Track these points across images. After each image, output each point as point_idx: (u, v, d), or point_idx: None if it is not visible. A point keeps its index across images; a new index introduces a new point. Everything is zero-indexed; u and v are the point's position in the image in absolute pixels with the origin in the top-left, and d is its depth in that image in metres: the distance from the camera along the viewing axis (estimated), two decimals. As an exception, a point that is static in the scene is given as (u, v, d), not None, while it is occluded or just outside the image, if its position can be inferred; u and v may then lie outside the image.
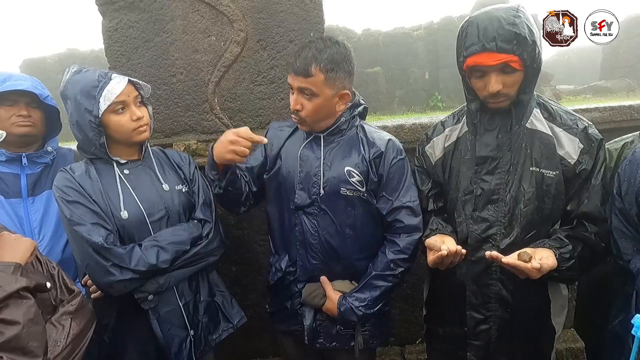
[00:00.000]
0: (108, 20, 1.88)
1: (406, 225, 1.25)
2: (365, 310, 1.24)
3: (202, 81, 1.89)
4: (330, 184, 1.26)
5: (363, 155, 1.26)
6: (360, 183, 1.25)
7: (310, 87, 1.19)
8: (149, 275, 1.16)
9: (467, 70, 1.11)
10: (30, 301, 0.87)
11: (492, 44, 1.01)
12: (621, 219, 1.00)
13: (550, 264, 1.02)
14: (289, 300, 1.35)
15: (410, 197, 1.28)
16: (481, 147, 1.18)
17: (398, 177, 1.27)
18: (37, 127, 1.39)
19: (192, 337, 1.27)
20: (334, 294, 1.27)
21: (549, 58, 16.53)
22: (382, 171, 1.26)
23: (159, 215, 1.24)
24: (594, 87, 10.64)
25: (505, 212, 1.15)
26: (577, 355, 2.02)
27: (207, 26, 1.86)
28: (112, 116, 1.19)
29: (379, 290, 1.25)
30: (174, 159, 1.37)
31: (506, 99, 1.11)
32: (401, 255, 1.24)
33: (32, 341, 0.84)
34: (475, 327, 1.20)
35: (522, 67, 1.05)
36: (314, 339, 1.32)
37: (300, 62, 1.18)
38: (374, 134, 1.30)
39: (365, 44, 10.88)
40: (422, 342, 2.07)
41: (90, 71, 1.20)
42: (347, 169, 1.25)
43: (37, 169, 1.41)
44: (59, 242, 1.38)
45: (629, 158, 1.01)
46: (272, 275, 1.39)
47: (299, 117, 1.24)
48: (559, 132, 1.14)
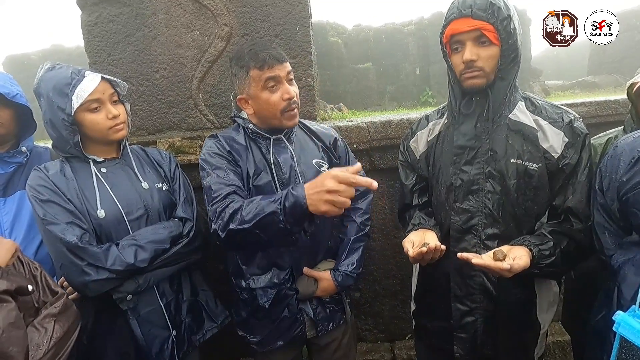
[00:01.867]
0: (87, 14, 1.83)
1: (362, 191, 1.44)
2: (357, 271, 1.37)
3: (185, 77, 1.86)
4: (307, 178, 1.29)
5: (321, 146, 1.40)
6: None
7: (291, 69, 1.27)
8: (126, 275, 1.14)
9: (447, 44, 1.14)
10: (11, 304, 0.84)
11: (468, 10, 1.07)
12: (603, 215, 1.00)
13: (522, 264, 1.00)
14: (285, 309, 1.31)
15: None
16: (459, 136, 1.18)
17: (346, 155, 1.47)
18: (5, 127, 1.34)
19: (175, 337, 1.25)
20: (323, 273, 1.34)
21: (538, 54, 16.68)
22: (339, 153, 1.44)
23: (138, 213, 1.21)
24: (582, 82, 10.76)
25: (486, 203, 1.14)
26: (564, 348, 2.04)
27: (190, 20, 1.82)
28: (86, 114, 1.16)
29: (360, 250, 1.40)
30: (154, 157, 1.35)
31: (481, 75, 1.10)
32: (366, 216, 1.45)
33: (12, 346, 0.81)
34: (460, 319, 1.20)
35: (497, 41, 1.07)
36: (315, 328, 1.36)
37: (272, 52, 1.23)
38: (316, 126, 1.45)
39: (356, 40, 10.83)
40: (412, 338, 2.08)
41: (63, 68, 1.16)
42: (315, 160, 1.36)
43: (9, 169, 1.36)
44: (31, 243, 1.34)
45: (611, 153, 1.00)
46: (262, 299, 1.28)
47: (296, 105, 1.28)
48: (545, 125, 1.14)
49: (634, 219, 0.90)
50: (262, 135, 1.30)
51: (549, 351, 2.04)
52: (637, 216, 0.88)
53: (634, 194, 0.89)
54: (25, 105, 1.36)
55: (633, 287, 0.86)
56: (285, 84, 1.24)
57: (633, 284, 0.86)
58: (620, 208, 0.94)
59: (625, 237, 0.96)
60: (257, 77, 1.22)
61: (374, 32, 11.11)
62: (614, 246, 0.97)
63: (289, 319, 1.32)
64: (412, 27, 11.05)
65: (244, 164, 1.27)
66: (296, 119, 1.29)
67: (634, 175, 0.90)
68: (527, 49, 10.06)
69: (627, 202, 0.91)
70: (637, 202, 0.88)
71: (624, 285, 0.90)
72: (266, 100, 1.23)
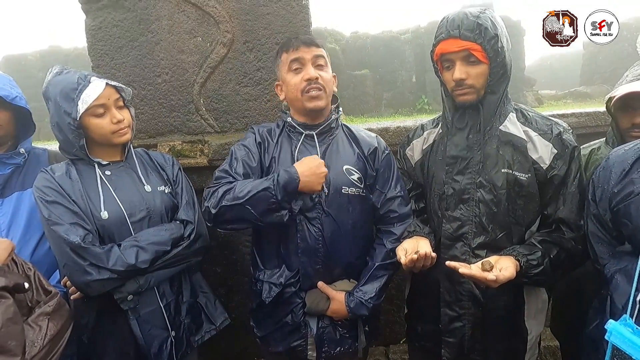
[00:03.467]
0: (91, 18, 1.86)
1: (400, 214, 1.30)
2: (374, 302, 1.26)
3: (187, 82, 1.89)
4: (332, 184, 1.24)
5: (358, 153, 1.30)
6: (359, 180, 1.28)
7: (323, 55, 1.26)
8: (128, 276, 1.16)
9: (438, 62, 1.18)
10: (9, 300, 0.87)
11: (456, 31, 1.10)
12: (596, 224, 1.02)
13: (508, 275, 1.04)
14: (289, 315, 1.27)
15: (400, 187, 1.33)
16: (451, 147, 1.21)
17: (389, 170, 1.33)
18: (4, 129, 1.35)
19: (173, 338, 1.26)
20: (338, 294, 1.26)
21: (532, 63, 16.92)
22: (377, 166, 1.32)
23: (140, 215, 1.23)
24: (574, 92, 10.94)
25: (476, 212, 1.18)
26: (555, 353, 2.08)
27: (193, 27, 1.86)
28: (91, 119, 1.19)
29: (383, 280, 1.28)
30: (157, 160, 1.37)
31: (472, 92, 1.14)
32: (398, 243, 1.26)
33: (11, 340, 0.84)
34: (449, 324, 1.23)
35: (485, 60, 1.11)
36: (320, 348, 1.28)
37: (304, 38, 1.25)
38: (361, 132, 1.36)
39: (353, 47, 10.94)
40: (406, 342, 2.10)
41: (71, 73, 1.20)
42: (346, 167, 1.27)
43: (6, 170, 1.37)
44: (27, 244, 1.34)
45: (603, 164, 1.02)
46: (266, 294, 1.27)
47: (318, 86, 1.22)
48: (534, 137, 1.18)
49: (625, 229, 0.92)
50: (296, 130, 1.29)
51: (540, 356, 2.07)
52: (627, 227, 0.90)
53: (624, 205, 0.91)
54: (25, 108, 1.38)
55: (624, 296, 0.88)
56: (309, 67, 1.22)
57: (624, 293, 0.88)
58: (612, 218, 0.96)
59: (618, 247, 0.97)
60: (285, 59, 1.26)
61: (371, 39, 11.22)
62: (607, 255, 0.99)
63: (291, 326, 1.27)
64: (409, 35, 11.18)
65: (268, 157, 1.28)
66: (318, 102, 1.23)
67: (625, 186, 0.92)
68: (521, 59, 10.21)
69: (618, 213, 0.93)
70: (627, 213, 0.90)
71: (616, 294, 0.91)
72: (290, 82, 1.24)
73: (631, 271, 0.87)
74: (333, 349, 1.28)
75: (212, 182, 1.26)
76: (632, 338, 0.81)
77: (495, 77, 1.13)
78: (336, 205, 1.25)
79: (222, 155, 1.81)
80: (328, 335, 1.28)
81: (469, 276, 1.04)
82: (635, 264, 0.86)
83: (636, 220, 0.88)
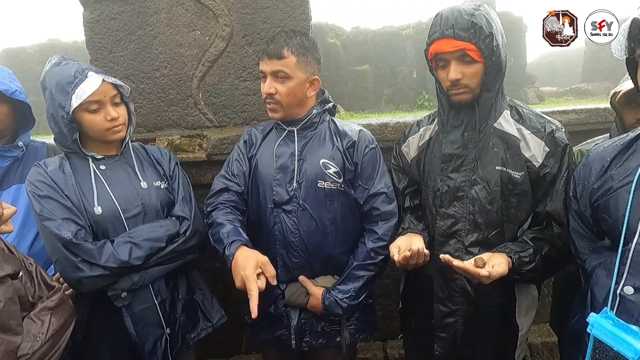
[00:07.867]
0: (89, 11, 1.85)
1: (382, 212, 1.28)
2: (350, 302, 1.24)
3: (186, 76, 1.88)
4: (306, 177, 1.26)
5: (337, 147, 1.29)
6: (337, 174, 1.27)
7: (283, 69, 1.23)
8: (121, 272, 1.14)
9: (432, 60, 1.16)
10: (9, 281, 0.88)
11: (450, 30, 1.07)
12: (577, 221, 1.03)
13: (500, 272, 1.04)
14: (272, 305, 1.31)
15: (385, 184, 1.30)
16: (447, 145, 1.21)
17: (372, 165, 1.30)
18: (3, 122, 1.35)
19: (168, 335, 1.25)
20: (316, 289, 1.27)
21: (534, 60, 16.85)
22: (356, 159, 1.29)
23: (135, 211, 1.22)
24: (575, 89, 10.90)
25: (470, 210, 1.18)
26: (552, 349, 2.08)
27: (191, 20, 1.84)
28: (85, 114, 1.17)
29: (362, 280, 1.26)
30: (154, 155, 1.36)
31: (467, 91, 1.13)
32: (380, 243, 1.26)
33: (12, 319, 0.85)
34: (441, 319, 1.23)
35: (480, 59, 1.09)
36: (301, 339, 1.30)
37: (273, 46, 1.24)
38: (344, 126, 1.34)
39: (354, 42, 10.88)
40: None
41: (69, 64, 1.17)
42: (323, 161, 1.27)
43: (4, 163, 1.37)
44: (25, 238, 1.34)
45: (583, 161, 1.03)
46: None
47: (273, 101, 1.26)
48: (527, 135, 1.17)
49: (604, 224, 0.93)
50: (280, 126, 1.34)
51: (537, 352, 2.08)
52: (607, 222, 0.92)
53: (603, 200, 0.92)
54: (24, 102, 1.37)
55: (605, 290, 0.89)
56: (268, 80, 1.26)
57: (605, 286, 0.89)
58: (592, 214, 0.98)
59: (598, 242, 0.99)
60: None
61: (372, 34, 11.17)
62: (588, 251, 1.01)
63: (274, 316, 1.31)
64: (410, 30, 11.12)
65: (255, 155, 1.35)
66: (274, 114, 1.29)
67: (604, 182, 0.94)
68: (522, 55, 10.17)
69: (598, 209, 0.94)
70: (607, 208, 0.91)
71: (596, 288, 0.93)
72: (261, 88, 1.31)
73: (610, 265, 0.88)
74: (315, 340, 1.31)
75: (209, 192, 1.36)
76: (613, 330, 0.82)
77: (491, 75, 1.12)
78: (312, 199, 1.26)
79: (220, 150, 1.80)
80: (310, 327, 1.30)
81: (463, 270, 1.04)
82: (614, 258, 0.87)
83: (615, 215, 0.89)
